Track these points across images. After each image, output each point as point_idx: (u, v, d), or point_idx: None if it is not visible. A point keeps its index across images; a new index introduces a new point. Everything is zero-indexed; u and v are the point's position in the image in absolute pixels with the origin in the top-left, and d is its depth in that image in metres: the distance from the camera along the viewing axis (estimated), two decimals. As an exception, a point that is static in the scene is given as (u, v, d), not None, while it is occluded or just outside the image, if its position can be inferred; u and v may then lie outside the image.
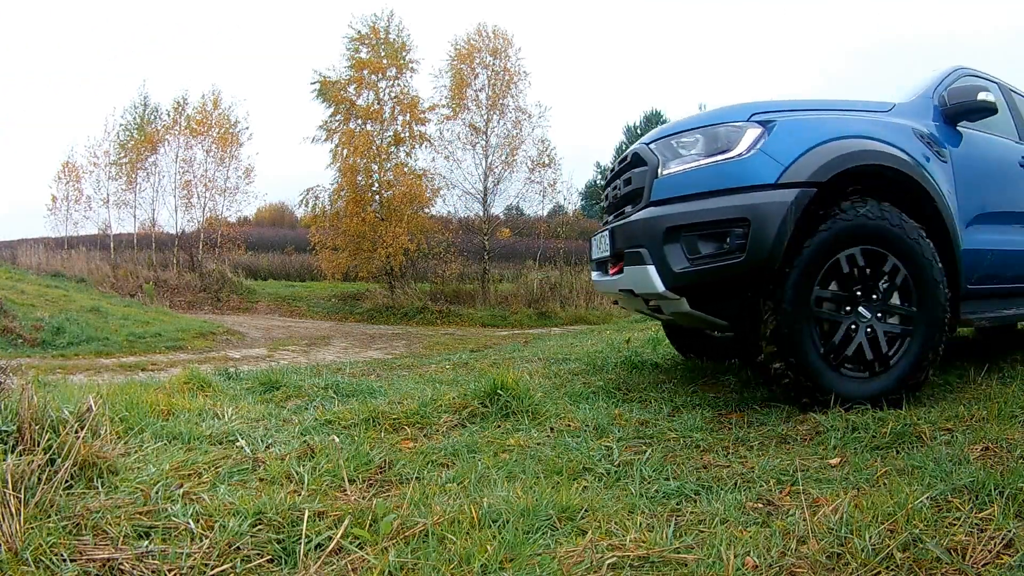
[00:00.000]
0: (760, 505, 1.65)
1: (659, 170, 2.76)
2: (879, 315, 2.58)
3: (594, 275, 3.51)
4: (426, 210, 16.22)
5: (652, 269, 2.62)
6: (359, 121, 17.16)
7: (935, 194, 2.75)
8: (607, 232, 3.08)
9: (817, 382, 2.51)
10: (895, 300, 2.61)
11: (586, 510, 1.62)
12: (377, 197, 16.72)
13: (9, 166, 30.90)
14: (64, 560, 1.28)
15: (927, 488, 1.57)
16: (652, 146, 2.86)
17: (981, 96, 3.05)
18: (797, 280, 2.51)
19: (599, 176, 26.66)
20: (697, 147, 2.68)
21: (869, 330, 2.58)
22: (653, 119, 29.19)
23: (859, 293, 2.59)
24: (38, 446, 1.61)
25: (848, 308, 2.58)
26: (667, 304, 2.74)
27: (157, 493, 1.59)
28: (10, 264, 15.44)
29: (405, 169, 16.56)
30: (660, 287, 2.61)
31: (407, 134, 17.20)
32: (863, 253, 2.57)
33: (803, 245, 2.53)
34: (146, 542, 1.36)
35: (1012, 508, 1.44)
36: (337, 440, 2.16)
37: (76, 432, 1.68)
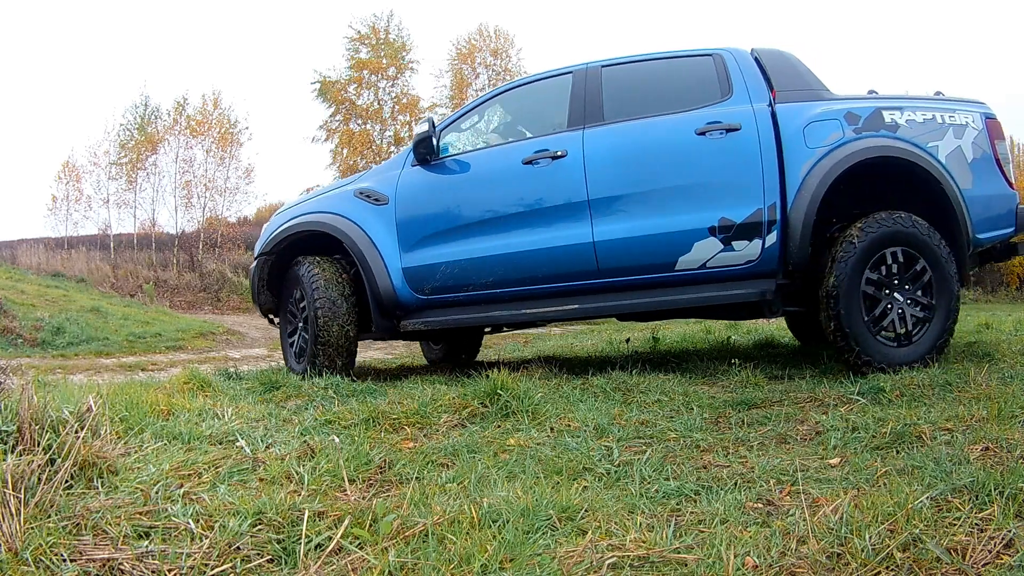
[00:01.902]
0: (760, 505, 1.65)
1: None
2: (303, 321, 3.92)
3: None
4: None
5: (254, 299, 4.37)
6: (359, 121, 17.18)
7: (344, 238, 3.74)
8: None
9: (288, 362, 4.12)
10: (306, 314, 3.81)
11: (586, 510, 1.62)
12: (377, 197, 16.68)
13: (9, 166, 30.96)
14: (64, 560, 1.28)
15: (927, 488, 1.57)
16: None
17: (415, 131, 3.74)
18: (283, 302, 4.11)
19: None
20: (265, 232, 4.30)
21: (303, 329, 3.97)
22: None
23: (296, 309, 3.99)
24: (38, 446, 1.61)
25: (294, 318, 4.02)
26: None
27: (157, 493, 1.59)
28: (10, 264, 15.44)
29: (405, 169, 16.55)
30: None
31: (407, 134, 17.20)
32: (298, 290, 3.90)
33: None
34: (146, 542, 1.37)
35: (1012, 508, 1.44)
36: (337, 440, 2.16)
37: (76, 432, 1.68)
